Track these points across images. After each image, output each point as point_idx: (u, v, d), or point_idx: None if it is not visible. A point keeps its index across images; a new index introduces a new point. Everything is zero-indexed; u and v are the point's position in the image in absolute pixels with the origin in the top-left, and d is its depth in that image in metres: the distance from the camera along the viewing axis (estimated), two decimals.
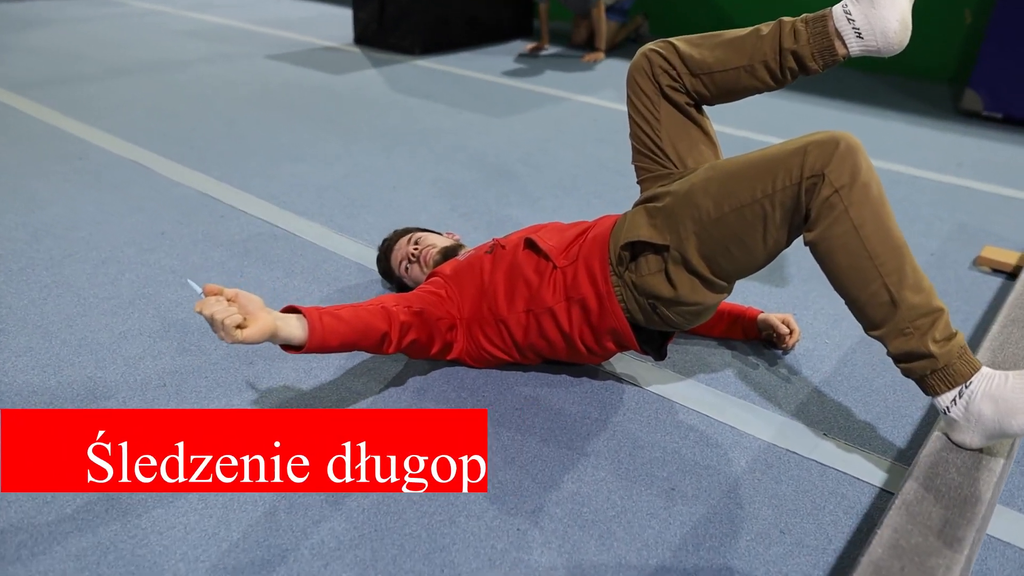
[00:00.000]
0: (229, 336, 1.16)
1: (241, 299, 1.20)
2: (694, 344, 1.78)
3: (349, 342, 1.32)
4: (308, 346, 1.26)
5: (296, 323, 1.26)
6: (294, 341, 1.26)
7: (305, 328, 1.26)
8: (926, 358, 1.21)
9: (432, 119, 3.40)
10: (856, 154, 1.19)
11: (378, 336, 1.37)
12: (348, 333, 1.31)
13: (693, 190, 1.31)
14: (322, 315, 1.29)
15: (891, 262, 1.19)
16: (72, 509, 1.25)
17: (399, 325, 1.40)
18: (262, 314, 1.20)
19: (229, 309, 1.16)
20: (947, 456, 1.18)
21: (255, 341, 1.18)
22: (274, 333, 1.21)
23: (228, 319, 1.15)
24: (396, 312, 1.40)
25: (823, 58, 1.35)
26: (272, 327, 1.20)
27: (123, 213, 2.35)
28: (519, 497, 1.31)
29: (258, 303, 1.21)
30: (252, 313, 1.20)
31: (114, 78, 3.91)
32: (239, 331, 1.17)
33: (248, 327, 1.18)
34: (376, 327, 1.36)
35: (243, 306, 1.20)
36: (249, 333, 1.17)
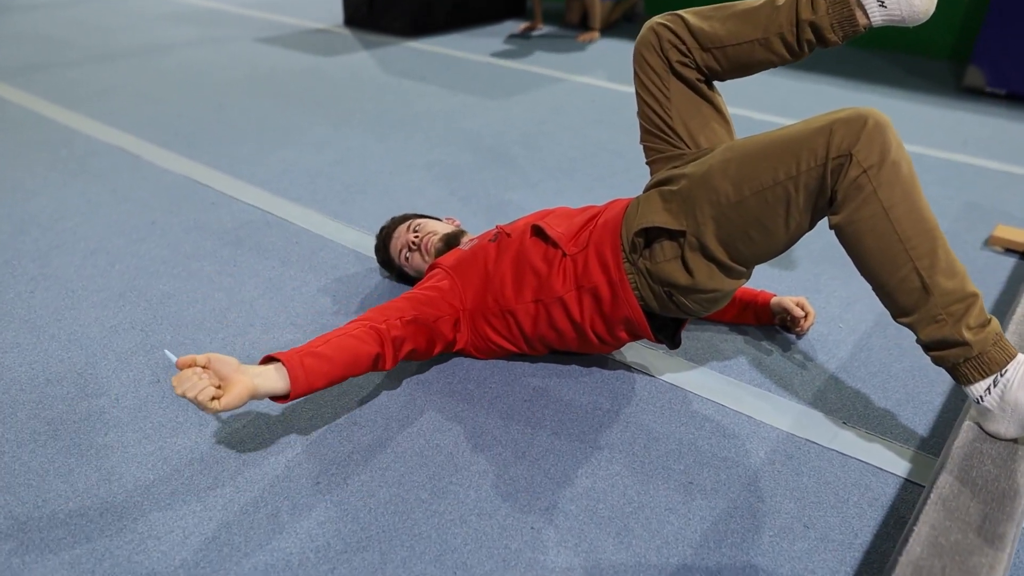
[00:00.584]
0: (206, 410, 1.13)
1: (214, 364, 1.16)
2: (705, 330, 1.73)
3: (338, 378, 1.28)
4: (293, 394, 1.23)
5: (276, 375, 1.21)
6: (277, 393, 1.22)
7: (286, 377, 1.22)
8: (960, 346, 1.15)
9: (426, 102, 3.33)
10: (885, 131, 1.13)
11: (369, 360, 1.32)
12: (334, 370, 1.27)
13: (711, 172, 1.25)
14: (303, 358, 1.24)
15: (923, 245, 1.14)
16: (65, 514, 1.19)
17: (391, 341, 1.35)
18: (236, 376, 1.17)
19: (201, 383, 1.13)
20: (981, 447, 1.13)
21: (234, 407, 1.15)
22: (253, 393, 1.18)
23: (201, 395, 1.12)
24: (386, 329, 1.35)
25: (843, 29, 1.28)
26: (250, 388, 1.17)
27: (111, 202, 2.27)
28: (531, 494, 1.26)
29: (232, 364, 1.17)
30: (226, 377, 1.16)
31: (98, 63, 3.80)
32: (214, 402, 1.13)
33: (224, 395, 1.14)
34: (365, 352, 1.31)
35: (217, 371, 1.16)
36: (227, 401, 1.14)
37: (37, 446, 1.33)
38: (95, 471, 1.28)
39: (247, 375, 1.18)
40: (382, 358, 1.34)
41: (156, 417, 1.40)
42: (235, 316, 1.72)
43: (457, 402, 1.47)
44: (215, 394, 1.14)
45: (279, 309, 1.75)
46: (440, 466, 1.31)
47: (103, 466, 1.29)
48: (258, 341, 1.63)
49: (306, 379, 1.23)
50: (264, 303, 1.77)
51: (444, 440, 1.37)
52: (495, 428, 1.40)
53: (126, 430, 1.37)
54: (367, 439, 1.37)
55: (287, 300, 1.79)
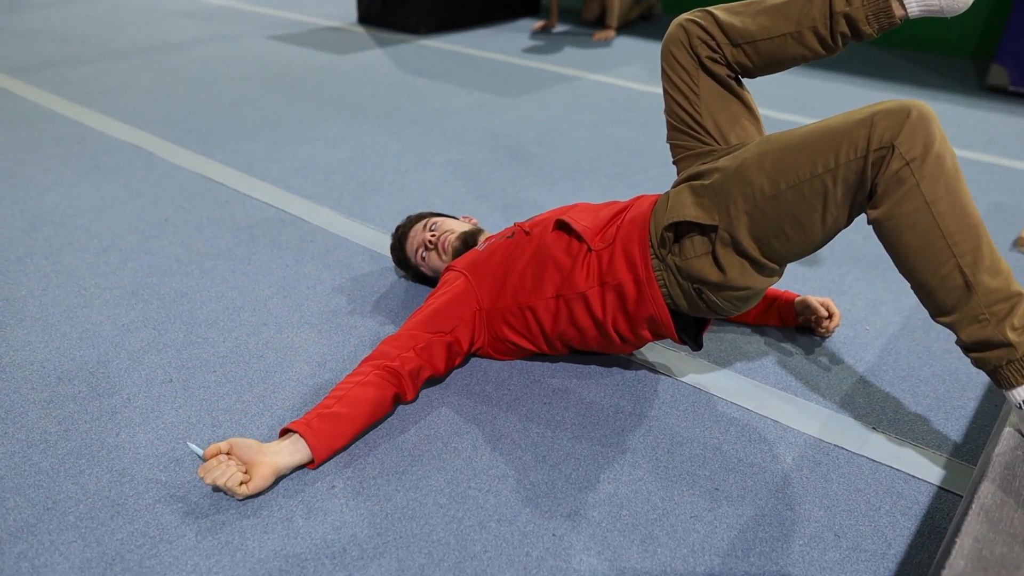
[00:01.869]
0: (236, 496, 1.17)
1: (235, 450, 1.20)
2: (728, 332, 1.68)
3: (359, 431, 1.30)
4: (317, 461, 1.25)
5: (295, 447, 1.23)
6: (302, 464, 1.25)
7: (307, 448, 1.24)
8: (1003, 347, 1.11)
9: (441, 100, 3.29)
10: (929, 123, 1.09)
11: (389, 403, 1.33)
12: (353, 427, 1.28)
13: (745, 165, 1.21)
14: (321, 424, 1.25)
15: (967, 242, 1.09)
16: (75, 516, 1.16)
17: (408, 374, 1.35)
18: (259, 459, 1.20)
19: (229, 470, 1.16)
20: (1023, 456, 1.09)
21: (262, 489, 1.20)
22: (277, 472, 1.21)
23: (230, 481, 1.16)
24: (402, 364, 1.35)
25: (878, 21, 1.24)
26: (274, 468, 1.20)
27: (124, 199, 2.25)
28: (553, 499, 1.23)
29: (254, 447, 1.20)
30: (250, 461, 1.19)
31: (110, 60, 3.79)
32: (243, 487, 1.17)
33: (251, 479, 1.18)
34: (383, 398, 1.31)
35: (240, 456, 1.20)
36: (254, 485, 1.18)
37: (48, 446, 1.30)
38: (106, 472, 1.25)
39: (269, 455, 1.20)
40: (402, 395, 1.35)
41: (169, 418, 1.38)
42: (249, 315, 1.69)
43: (475, 404, 1.43)
44: (243, 479, 1.18)
45: (293, 308, 1.72)
46: (458, 470, 1.28)
47: (115, 467, 1.26)
48: (272, 340, 1.60)
49: (328, 444, 1.25)
50: (278, 302, 1.75)
51: (462, 443, 1.34)
52: (514, 431, 1.37)
53: (138, 431, 1.34)
54: (383, 442, 1.33)
55: (301, 299, 1.76)
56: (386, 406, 1.32)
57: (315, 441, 1.23)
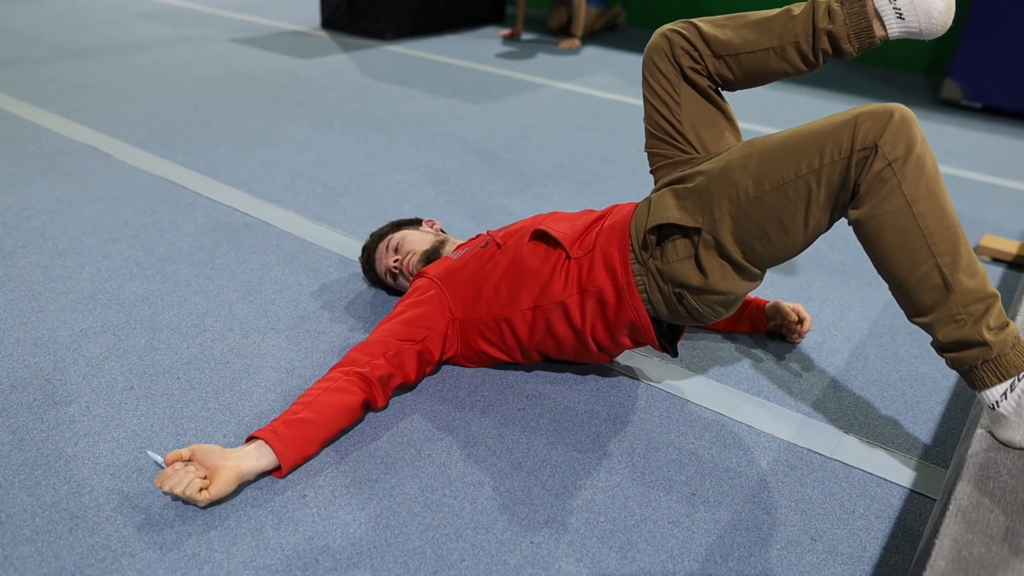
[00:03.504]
0: (197, 504, 1.14)
1: (197, 455, 1.16)
2: (700, 337, 1.69)
3: (328, 437, 1.27)
4: (285, 469, 1.21)
5: (260, 452, 1.20)
6: (267, 470, 1.21)
7: (274, 455, 1.20)
8: (979, 347, 1.12)
9: (408, 105, 3.27)
10: (911, 125, 1.10)
11: (359, 409, 1.31)
12: (322, 434, 1.25)
13: (730, 167, 1.21)
14: (287, 431, 1.22)
15: (945, 242, 1.11)
16: (31, 530, 1.11)
17: (379, 380, 1.33)
18: (222, 463, 1.16)
19: (187, 477, 1.13)
20: (995, 457, 1.10)
21: (224, 495, 1.15)
22: (241, 477, 1.17)
23: (188, 489, 1.12)
24: (372, 371, 1.33)
25: (860, 40, 1.26)
26: (237, 473, 1.16)
27: (81, 201, 2.18)
28: (530, 506, 1.21)
29: (217, 452, 1.17)
30: (213, 466, 1.16)
31: (67, 60, 3.69)
32: (203, 493, 1.13)
33: (212, 484, 1.14)
34: (352, 405, 1.29)
35: (201, 462, 1.16)
36: (215, 490, 1.14)
37: (0, 457, 1.24)
38: (64, 483, 1.19)
39: (232, 460, 1.17)
40: (372, 402, 1.33)
41: (130, 426, 1.32)
42: (213, 320, 1.64)
43: (449, 409, 1.41)
44: (202, 485, 1.14)
45: (259, 313, 1.68)
46: (433, 477, 1.25)
47: (73, 478, 1.21)
48: (238, 346, 1.56)
49: (295, 451, 1.22)
50: (243, 307, 1.70)
51: (436, 450, 1.31)
52: (489, 437, 1.35)
53: (97, 440, 1.29)
54: (355, 449, 1.30)
55: (267, 304, 1.72)
56: (356, 412, 1.30)
57: (281, 448, 1.19)
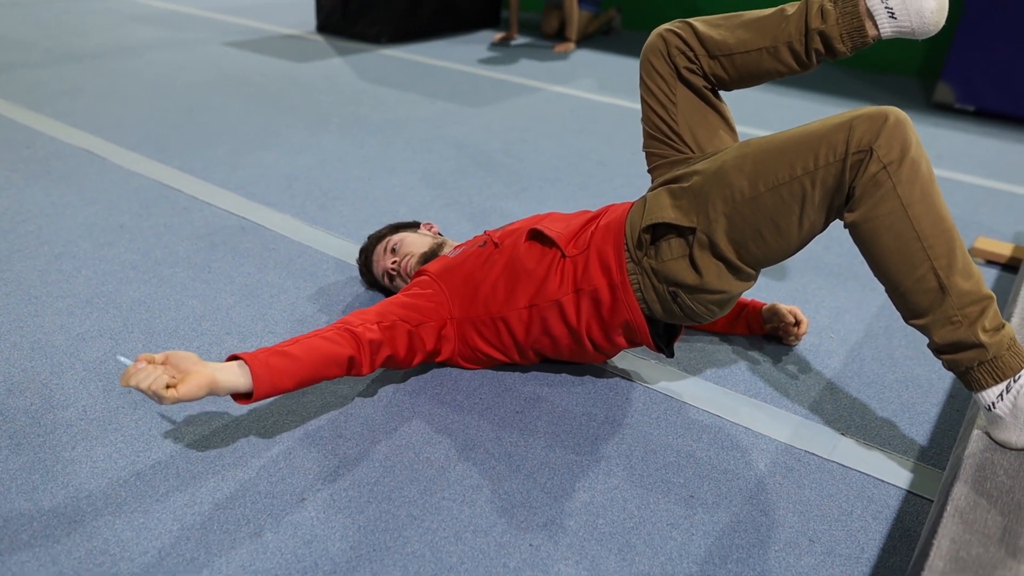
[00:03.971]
0: (164, 399, 1.09)
1: (172, 359, 1.13)
2: (697, 340, 1.69)
3: (308, 379, 1.23)
4: (257, 393, 1.17)
5: (239, 371, 1.16)
6: (239, 390, 1.17)
7: (249, 377, 1.16)
8: (975, 348, 1.13)
9: (404, 108, 3.27)
10: (906, 129, 1.11)
11: (343, 362, 1.26)
12: (302, 370, 1.21)
13: (725, 168, 1.22)
14: (269, 357, 1.19)
15: (941, 245, 1.12)
16: (28, 535, 1.11)
17: (367, 344, 1.29)
18: (196, 368, 1.12)
19: (154, 373, 1.09)
20: (992, 457, 1.11)
21: (192, 397, 1.10)
22: (212, 384, 1.12)
23: (155, 384, 1.08)
24: (362, 331, 1.30)
25: (852, 40, 1.27)
26: (209, 379, 1.12)
27: (76, 205, 2.17)
28: (528, 509, 1.21)
29: (192, 358, 1.14)
30: (185, 370, 1.12)
31: (61, 64, 3.68)
32: (169, 391, 1.09)
33: (181, 384, 1.10)
34: (337, 354, 1.25)
35: (175, 365, 1.13)
36: (183, 390, 1.09)
37: None
38: (61, 488, 1.19)
39: (208, 367, 1.13)
40: (356, 362, 1.29)
41: (128, 429, 1.32)
42: (210, 324, 1.64)
43: (447, 412, 1.41)
44: (170, 383, 1.09)
45: (256, 317, 1.68)
46: (431, 480, 1.25)
47: (71, 482, 1.20)
48: (235, 350, 1.55)
49: (270, 378, 1.17)
50: (240, 311, 1.70)
51: (434, 453, 1.31)
52: (487, 440, 1.35)
53: (95, 444, 1.29)
54: (353, 452, 1.30)
55: (264, 308, 1.71)
56: (340, 365, 1.26)
57: (259, 371, 1.16)
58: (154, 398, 1.09)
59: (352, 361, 1.28)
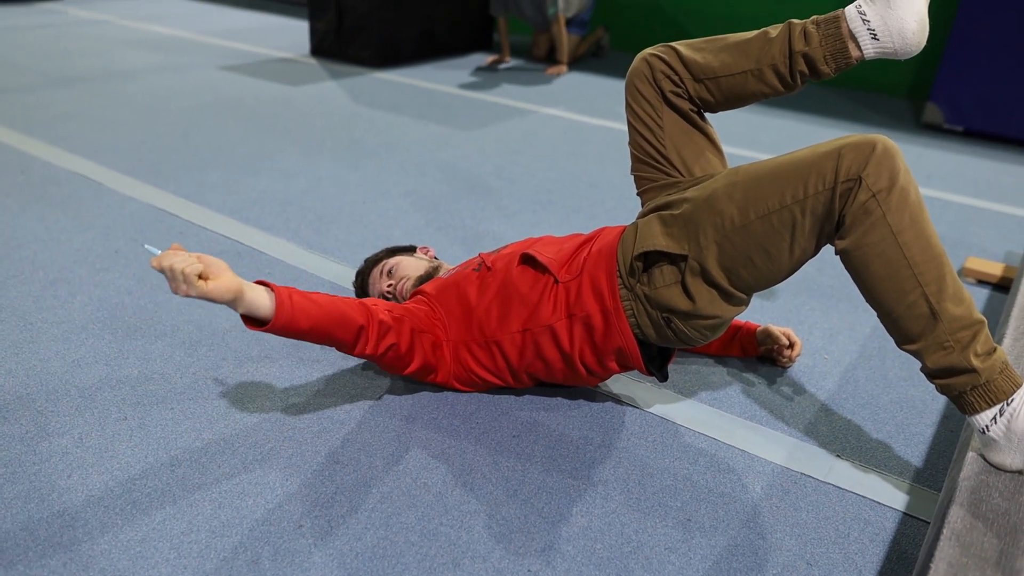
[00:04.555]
0: (191, 286, 1.11)
1: (205, 259, 1.15)
2: (691, 362, 1.70)
3: (321, 328, 1.25)
4: (275, 322, 1.20)
5: (265, 295, 1.20)
6: (260, 312, 1.19)
7: (273, 302, 1.19)
8: (967, 373, 1.14)
9: (397, 132, 3.29)
10: (894, 157, 1.12)
11: (354, 329, 1.29)
12: (321, 317, 1.24)
13: (715, 196, 1.23)
14: (293, 294, 1.23)
15: (931, 271, 1.13)
16: (24, 565, 1.10)
17: (378, 324, 1.33)
18: (228, 273, 1.15)
19: (189, 259, 1.12)
20: (987, 480, 1.12)
21: (218, 296, 1.13)
22: (239, 294, 1.15)
23: (188, 268, 1.10)
24: (376, 311, 1.34)
25: (836, 61, 1.29)
26: (238, 287, 1.15)
27: (72, 230, 2.18)
28: (526, 534, 1.21)
29: (224, 264, 1.17)
30: (217, 271, 1.15)
31: (55, 89, 3.69)
32: (200, 281, 1.11)
33: (212, 280, 1.13)
34: (353, 319, 1.29)
35: (207, 265, 1.15)
36: (214, 286, 1.12)
37: None
38: (57, 516, 1.19)
39: (238, 278, 1.16)
40: (365, 334, 1.31)
41: (124, 457, 1.32)
42: (206, 350, 1.64)
43: (444, 438, 1.41)
44: (203, 274, 1.12)
45: (252, 342, 1.68)
46: (429, 506, 1.25)
47: (66, 510, 1.20)
48: (231, 375, 1.56)
49: (291, 312, 1.21)
50: (236, 336, 1.70)
51: (432, 479, 1.31)
52: (484, 465, 1.35)
53: (91, 472, 1.28)
54: (351, 479, 1.30)
55: (260, 333, 1.71)
56: (350, 330, 1.29)
57: (283, 301, 1.20)
58: (182, 284, 1.10)
59: (361, 332, 1.31)
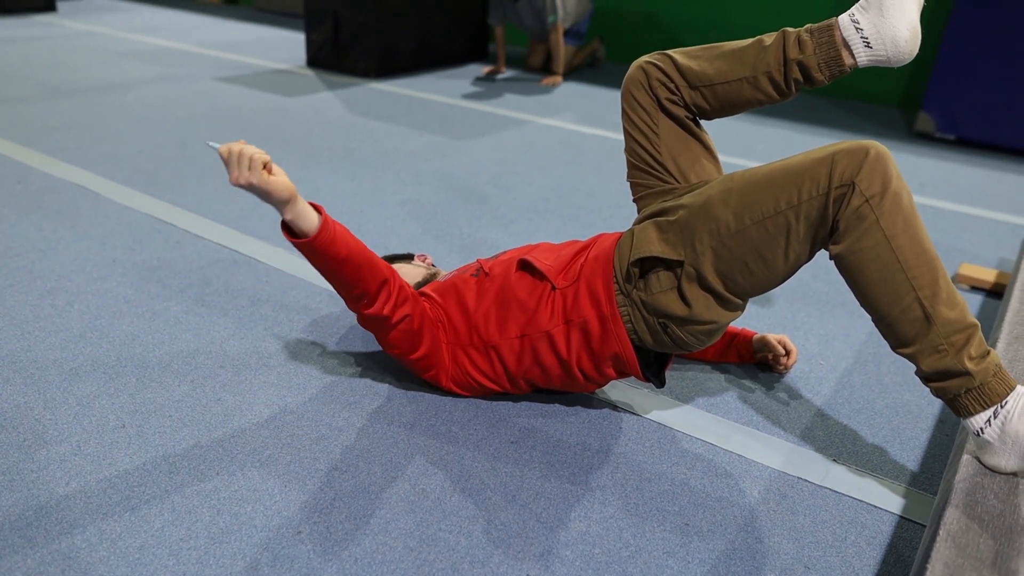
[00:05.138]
0: (254, 172, 1.18)
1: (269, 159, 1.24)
2: (688, 369, 1.71)
3: (353, 262, 1.30)
4: (318, 236, 1.25)
5: (313, 212, 1.26)
6: (306, 224, 1.25)
7: (319, 221, 1.26)
8: (961, 376, 1.15)
9: (394, 141, 3.31)
10: (886, 162, 1.14)
11: (379, 280, 1.34)
12: (357, 252, 1.30)
13: (710, 202, 1.24)
14: (337, 222, 1.31)
15: (925, 275, 1.14)
16: (22, 573, 1.10)
17: (399, 288, 1.37)
18: (284, 176, 1.23)
19: (259, 150, 1.21)
20: (982, 481, 1.12)
21: (277, 191, 1.20)
22: (293, 196, 1.23)
23: (257, 154, 1.19)
24: (399, 277, 1.39)
25: (830, 69, 1.30)
26: (293, 190, 1.23)
27: (69, 240, 2.18)
28: (525, 539, 1.21)
29: (281, 171, 1.24)
30: (278, 171, 1.23)
31: (52, 100, 3.70)
32: (264, 172, 1.19)
33: (274, 176, 1.21)
34: (380, 270, 1.34)
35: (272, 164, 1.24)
36: (274, 181, 1.20)
37: None
38: (56, 524, 1.19)
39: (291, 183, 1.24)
40: (387, 289, 1.35)
41: (122, 464, 1.32)
42: (204, 358, 1.64)
43: (442, 444, 1.41)
44: (268, 165, 1.21)
45: (250, 351, 1.68)
46: (427, 512, 1.25)
47: (65, 518, 1.20)
48: (229, 383, 1.56)
49: (332, 234, 1.26)
50: (234, 344, 1.70)
51: (430, 485, 1.31)
52: (482, 471, 1.35)
53: (89, 479, 1.28)
54: (349, 485, 1.30)
55: (258, 341, 1.72)
56: (375, 278, 1.33)
57: (328, 222, 1.26)
58: (245, 169, 1.18)
59: (384, 286, 1.35)
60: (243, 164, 1.18)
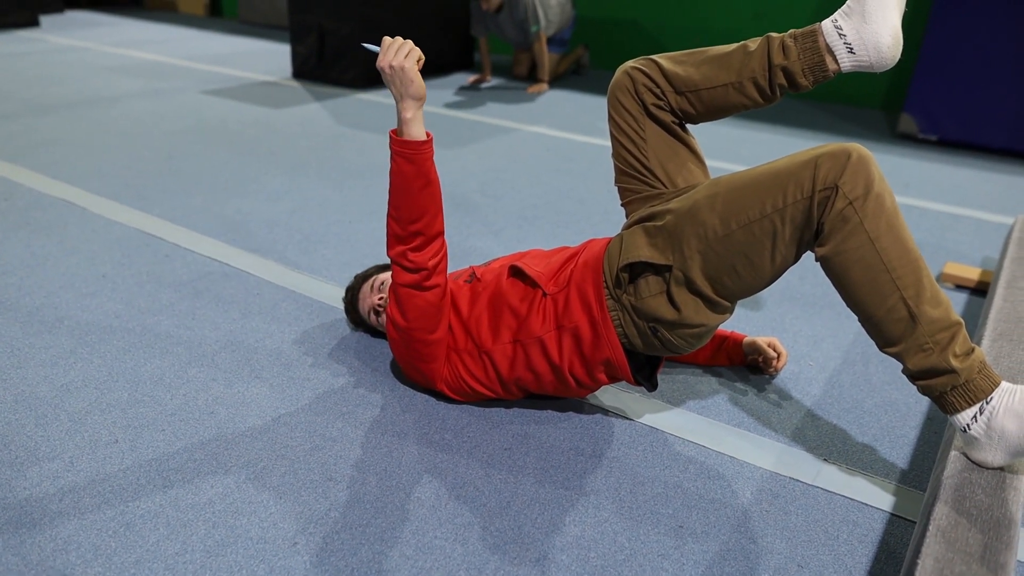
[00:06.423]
0: (409, 59, 1.29)
1: None
2: (679, 372, 1.72)
3: (434, 190, 1.36)
4: (428, 143, 1.33)
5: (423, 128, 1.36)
6: (417, 132, 1.33)
7: (424, 136, 1.35)
8: (947, 374, 1.17)
9: (382, 151, 3.31)
10: (869, 165, 1.16)
11: (439, 228, 1.39)
12: (439, 186, 1.38)
13: (697, 207, 1.26)
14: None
15: (909, 275, 1.16)
16: None
17: (445, 254, 1.42)
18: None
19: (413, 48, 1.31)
20: (970, 477, 1.14)
21: (416, 86, 1.31)
22: (424, 98, 1.33)
23: (416, 50, 1.30)
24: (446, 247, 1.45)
25: (813, 74, 1.32)
26: (424, 95, 1.33)
27: (57, 256, 2.17)
28: (520, 545, 1.22)
29: None
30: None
31: (37, 115, 3.69)
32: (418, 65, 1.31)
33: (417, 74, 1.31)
34: (442, 221, 1.40)
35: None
36: (418, 78, 1.30)
37: None
38: (50, 541, 1.18)
39: None
40: (440, 243, 1.40)
41: (116, 480, 1.32)
42: (196, 371, 1.64)
43: (436, 452, 1.42)
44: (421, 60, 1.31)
45: (242, 362, 1.68)
46: (423, 520, 1.26)
47: (59, 535, 1.19)
48: (222, 396, 1.56)
49: (431, 153, 1.35)
50: (226, 356, 1.70)
51: (425, 493, 1.32)
52: (477, 478, 1.36)
53: (83, 495, 1.28)
54: (344, 495, 1.30)
55: (250, 353, 1.72)
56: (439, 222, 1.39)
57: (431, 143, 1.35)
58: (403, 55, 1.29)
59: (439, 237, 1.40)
60: (402, 50, 1.28)
